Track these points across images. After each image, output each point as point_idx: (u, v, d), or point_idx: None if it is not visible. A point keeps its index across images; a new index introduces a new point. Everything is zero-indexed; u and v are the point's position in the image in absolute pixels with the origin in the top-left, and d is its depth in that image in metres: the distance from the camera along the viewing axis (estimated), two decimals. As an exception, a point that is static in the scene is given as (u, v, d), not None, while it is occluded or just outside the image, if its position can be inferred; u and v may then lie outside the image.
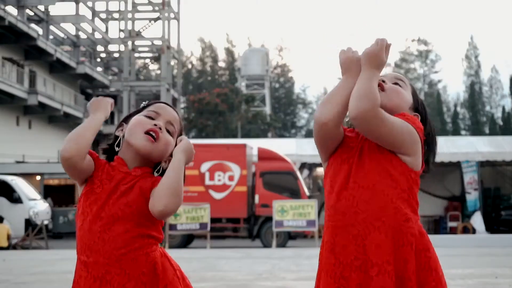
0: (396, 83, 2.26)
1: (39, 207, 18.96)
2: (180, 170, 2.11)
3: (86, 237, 2.10)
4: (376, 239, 2.04)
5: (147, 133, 2.16)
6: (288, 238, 17.45)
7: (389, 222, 2.05)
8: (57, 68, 38.08)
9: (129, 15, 45.98)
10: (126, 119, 2.27)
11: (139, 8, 47.92)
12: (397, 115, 2.13)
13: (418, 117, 2.24)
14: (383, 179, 2.08)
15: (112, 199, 2.11)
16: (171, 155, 2.19)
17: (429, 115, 2.32)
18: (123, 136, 2.22)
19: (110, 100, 2.24)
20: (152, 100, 2.32)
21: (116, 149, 2.22)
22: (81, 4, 43.67)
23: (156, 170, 2.23)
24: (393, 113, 2.14)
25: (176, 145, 2.21)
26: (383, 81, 2.22)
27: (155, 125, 2.18)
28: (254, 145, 19.31)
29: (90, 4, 46.54)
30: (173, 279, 2.13)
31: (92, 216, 2.11)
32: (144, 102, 2.31)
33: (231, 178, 17.59)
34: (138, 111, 2.27)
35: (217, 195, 17.52)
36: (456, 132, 60.47)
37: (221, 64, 78.53)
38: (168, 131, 2.22)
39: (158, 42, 46.76)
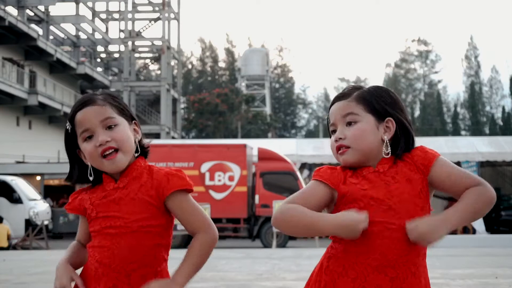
0: (349, 123, 1.97)
1: (39, 207, 18.96)
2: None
3: (97, 251, 2.05)
4: (413, 284, 1.91)
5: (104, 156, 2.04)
6: (288, 238, 17.48)
7: (421, 268, 1.94)
8: (57, 68, 38.10)
9: (129, 15, 46.02)
10: (76, 148, 2.10)
11: (139, 8, 47.97)
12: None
13: (392, 122, 1.97)
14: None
15: (116, 213, 2.06)
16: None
17: (404, 108, 2.02)
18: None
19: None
20: (68, 120, 2.11)
21: (91, 178, 2.10)
22: (81, 5, 43.70)
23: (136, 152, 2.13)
24: (371, 154, 1.95)
25: (130, 114, 2.13)
26: (340, 139, 1.96)
27: (100, 144, 2.02)
28: (254, 145, 19.30)
29: (90, 4, 46.56)
30: None
31: (103, 233, 2.05)
32: (67, 124, 2.11)
33: (231, 178, 17.59)
34: (73, 135, 2.09)
35: (217, 195, 17.53)
36: (456, 132, 60.51)
37: (221, 64, 78.57)
38: (109, 126, 2.05)
39: (158, 43, 46.78)
